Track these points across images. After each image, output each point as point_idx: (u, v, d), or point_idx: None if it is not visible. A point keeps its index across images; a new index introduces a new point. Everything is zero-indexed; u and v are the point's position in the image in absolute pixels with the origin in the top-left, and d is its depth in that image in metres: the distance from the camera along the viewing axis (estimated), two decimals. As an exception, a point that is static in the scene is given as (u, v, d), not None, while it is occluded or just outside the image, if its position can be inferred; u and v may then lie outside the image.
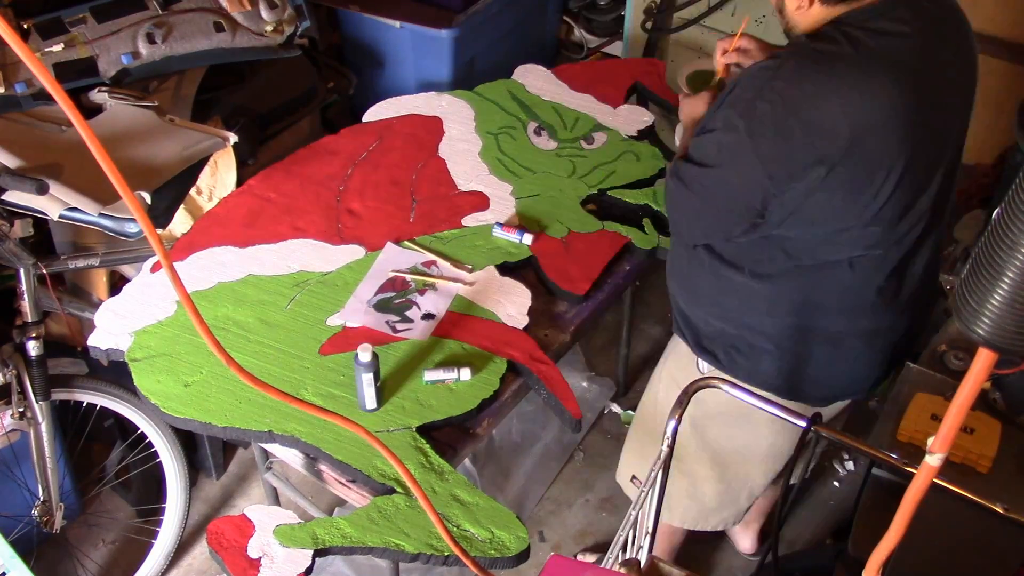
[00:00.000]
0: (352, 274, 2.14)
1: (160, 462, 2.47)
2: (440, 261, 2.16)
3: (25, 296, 2.16)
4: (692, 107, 1.93)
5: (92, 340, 2.00)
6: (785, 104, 1.61)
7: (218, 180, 2.45)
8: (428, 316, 2.04)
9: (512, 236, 2.22)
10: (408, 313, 2.05)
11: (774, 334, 1.86)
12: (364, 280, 2.11)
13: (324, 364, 1.95)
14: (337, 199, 2.33)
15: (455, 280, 2.12)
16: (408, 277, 2.12)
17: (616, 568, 1.55)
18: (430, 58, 3.09)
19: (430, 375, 1.91)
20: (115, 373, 2.18)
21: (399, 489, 1.75)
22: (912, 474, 0.96)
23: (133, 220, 2.03)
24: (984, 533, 1.65)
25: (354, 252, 2.19)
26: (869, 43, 1.62)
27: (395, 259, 2.17)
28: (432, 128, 2.55)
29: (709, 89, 2.02)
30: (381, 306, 2.07)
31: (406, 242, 2.21)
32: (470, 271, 2.14)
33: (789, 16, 1.73)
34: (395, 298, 2.08)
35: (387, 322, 2.02)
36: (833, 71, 1.61)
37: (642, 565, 1.64)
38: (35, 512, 2.35)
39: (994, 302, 0.80)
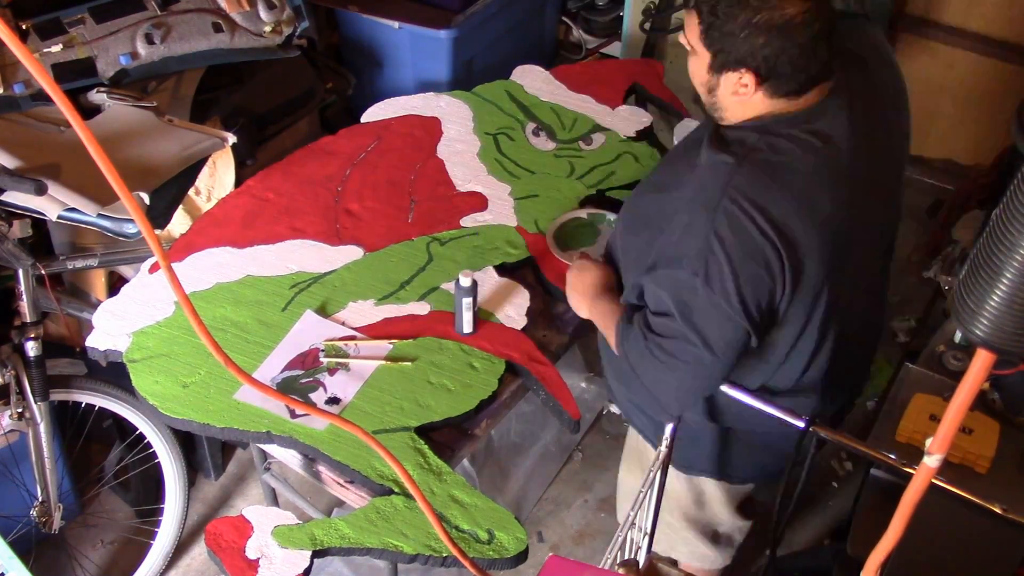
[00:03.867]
0: (351, 275, 2.14)
1: (159, 463, 2.47)
2: (359, 337, 2.01)
3: (24, 297, 2.16)
4: (586, 277, 1.87)
5: (90, 341, 2.00)
6: (733, 251, 1.52)
7: (216, 180, 2.45)
8: (333, 400, 1.89)
9: None
10: (312, 396, 1.89)
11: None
12: (278, 348, 1.97)
13: (323, 365, 1.95)
14: (336, 200, 2.32)
15: (372, 358, 1.96)
16: (321, 354, 1.96)
17: (614, 568, 1.55)
18: (429, 59, 3.09)
19: None
20: (114, 374, 2.18)
21: (397, 490, 1.75)
22: (911, 475, 0.96)
23: (131, 221, 2.02)
24: (983, 533, 1.65)
25: (353, 253, 2.19)
26: (800, 157, 1.55)
27: (313, 330, 2.01)
28: (431, 129, 2.55)
29: (583, 255, 2.01)
30: (285, 386, 1.90)
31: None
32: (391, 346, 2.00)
33: (720, 99, 1.61)
34: (302, 377, 1.92)
35: (285, 406, 1.86)
36: (778, 201, 1.53)
37: (640, 566, 1.64)
38: (34, 512, 2.35)
39: (992, 303, 0.80)
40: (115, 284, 2.50)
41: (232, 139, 2.25)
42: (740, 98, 1.58)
